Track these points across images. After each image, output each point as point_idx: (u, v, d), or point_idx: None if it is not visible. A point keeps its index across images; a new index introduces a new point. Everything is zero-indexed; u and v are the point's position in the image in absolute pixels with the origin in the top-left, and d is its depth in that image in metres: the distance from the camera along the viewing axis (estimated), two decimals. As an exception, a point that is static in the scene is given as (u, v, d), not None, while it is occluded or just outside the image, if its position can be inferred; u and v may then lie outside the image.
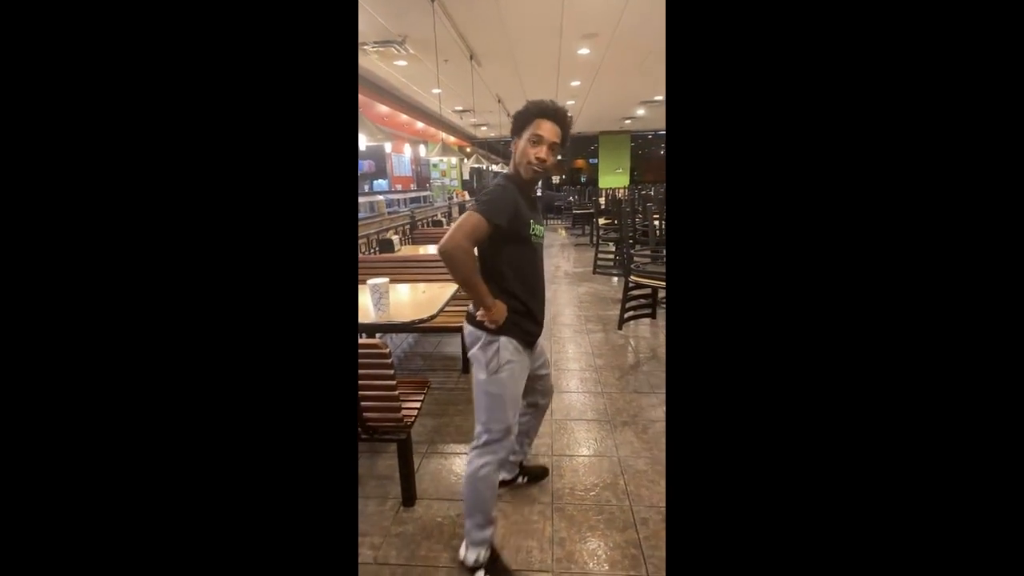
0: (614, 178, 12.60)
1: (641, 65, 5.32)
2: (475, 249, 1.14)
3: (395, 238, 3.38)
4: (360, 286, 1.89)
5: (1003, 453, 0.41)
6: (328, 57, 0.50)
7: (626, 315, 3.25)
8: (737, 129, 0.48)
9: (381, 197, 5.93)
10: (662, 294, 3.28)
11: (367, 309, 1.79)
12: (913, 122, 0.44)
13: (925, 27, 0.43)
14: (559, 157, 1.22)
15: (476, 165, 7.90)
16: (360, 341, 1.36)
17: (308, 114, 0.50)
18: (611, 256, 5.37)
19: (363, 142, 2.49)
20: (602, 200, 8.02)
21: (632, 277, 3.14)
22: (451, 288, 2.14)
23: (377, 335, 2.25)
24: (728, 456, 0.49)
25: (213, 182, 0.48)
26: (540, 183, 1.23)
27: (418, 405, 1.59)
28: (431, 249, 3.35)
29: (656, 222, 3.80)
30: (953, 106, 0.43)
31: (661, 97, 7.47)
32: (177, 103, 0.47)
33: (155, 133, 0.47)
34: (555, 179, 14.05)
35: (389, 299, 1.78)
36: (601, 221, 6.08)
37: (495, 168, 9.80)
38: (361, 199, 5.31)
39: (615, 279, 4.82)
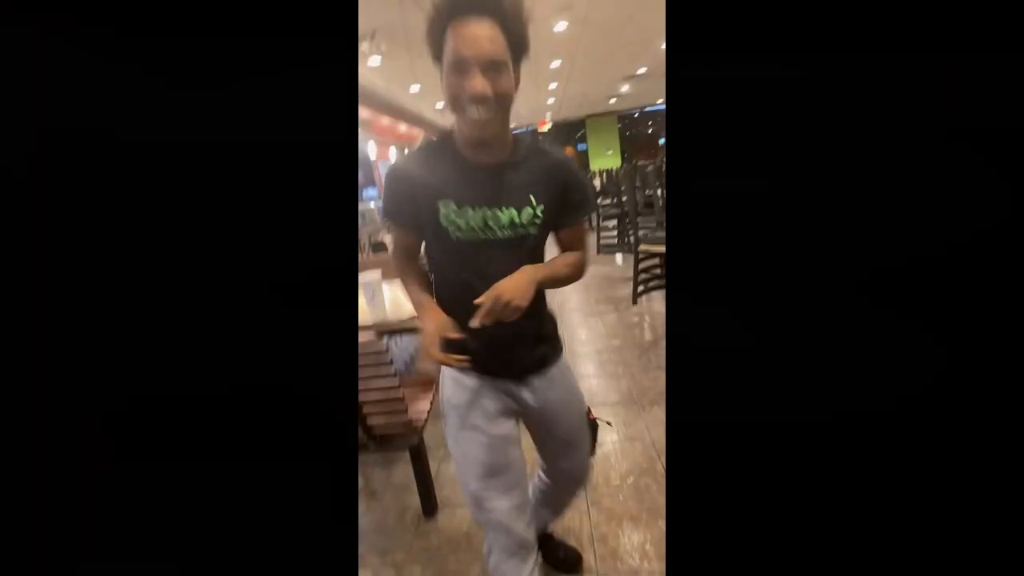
0: (605, 160, 12.47)
1: (622, 34, 5.15)
2: (416, 259, 0.85)
3: (388, 238, 3.26)
4: (352, 287, 1.75)
5: (1007, 480, 0.38)
6: (326, 63, 0.45)
7: (639, 288, 3.11)
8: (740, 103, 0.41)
9: (372, 205, 5.83)
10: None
11: (363, 311, 1.65)
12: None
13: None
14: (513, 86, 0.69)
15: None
16: (353, 341, 1.22)
17: (307, 119, 0.45)
18: (613, 235, 5.24)
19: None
20: (597, 181, 7.85)
21: (642, 247, 3.01)
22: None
23: (384, 338, 2.10)
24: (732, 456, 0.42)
25: (213, 181, 0.42)
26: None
27: (428, 406, 1.45)
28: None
29: (659, 191, 3.66)
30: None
31: (644, 69, 7.27)
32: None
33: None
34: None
35: (384, 296, 1.64)
36: (600, 200, 5.94)
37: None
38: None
39: (619, 256, 4.67)
